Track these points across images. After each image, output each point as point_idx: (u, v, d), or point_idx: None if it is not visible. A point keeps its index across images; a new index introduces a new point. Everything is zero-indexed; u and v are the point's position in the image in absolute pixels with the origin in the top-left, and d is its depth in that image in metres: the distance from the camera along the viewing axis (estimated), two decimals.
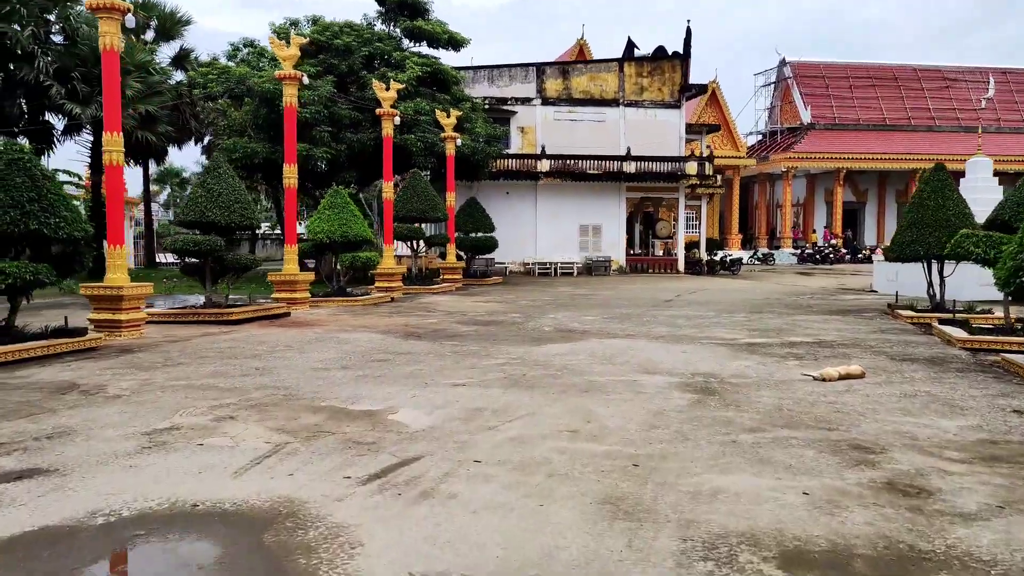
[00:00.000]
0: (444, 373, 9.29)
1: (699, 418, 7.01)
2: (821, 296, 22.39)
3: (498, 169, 32.88)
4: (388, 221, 21.75)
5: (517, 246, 33.88)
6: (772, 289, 25.72)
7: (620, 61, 34.40)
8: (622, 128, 34.26)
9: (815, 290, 25.38)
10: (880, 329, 13.99)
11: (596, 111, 34.22)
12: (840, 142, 53.12)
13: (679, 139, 34.50)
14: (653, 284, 27.97)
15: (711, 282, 29.68)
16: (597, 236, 34.45)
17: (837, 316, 16.41)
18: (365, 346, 11.59)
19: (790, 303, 19.88)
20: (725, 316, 16.37)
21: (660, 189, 34.49)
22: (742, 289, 25.57)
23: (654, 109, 34.35)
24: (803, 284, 29.06)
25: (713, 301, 20.34)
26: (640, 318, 15.87)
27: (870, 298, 21.74)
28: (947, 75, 57.77)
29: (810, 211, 56.23)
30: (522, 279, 31.23)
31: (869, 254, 50.96)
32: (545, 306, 18.84)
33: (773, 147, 56.06)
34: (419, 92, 28.21)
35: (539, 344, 11.91)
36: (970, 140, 54.58)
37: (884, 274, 24.84)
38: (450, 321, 15.27)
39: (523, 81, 34.11)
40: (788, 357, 10.62)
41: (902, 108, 56.37)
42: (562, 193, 34.18)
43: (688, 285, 27.44)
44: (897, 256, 15.94)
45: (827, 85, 56.62)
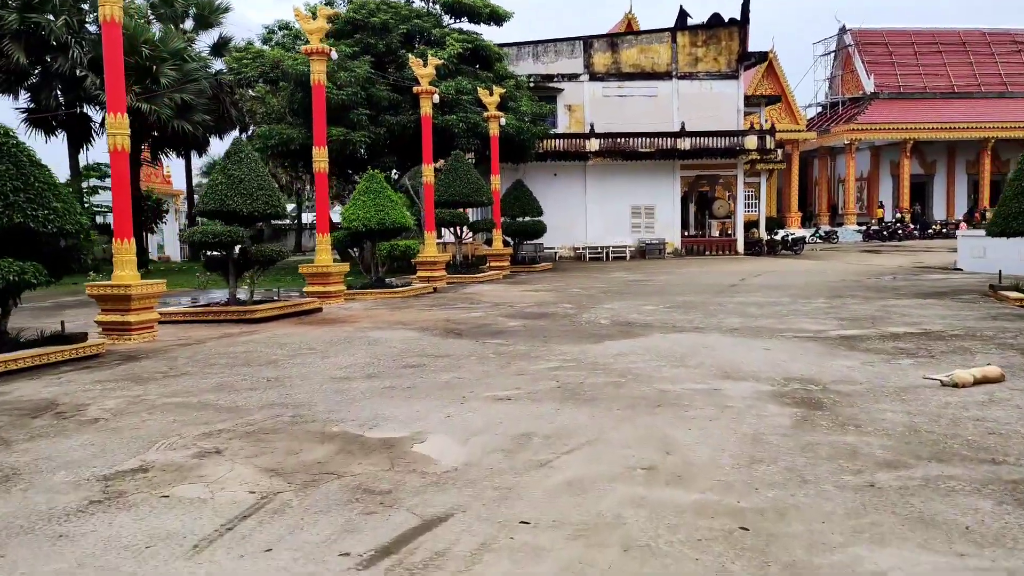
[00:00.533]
0: (486, 382, 7.78)
1: (812, 446, 5.37)
2: (903, 276, 20.29)
3: (545, 150, 31.21)
4: (429, 207, 20.32)
5: (566, 230, 32.21)
6: (844, 270, 23.62)
7: (672, 31, 32.32)
8: (675, 102, 32.23)
9: (892, 269, 23.22)
10: (991, 315, 12.05)
11: (647, 85, 32.25)
12: (906, 112, 50.04)
13: (737, 112, 32.33)
14: (713, 267, 26.08)
15: (774, 263, 27.63)
16: (650, 218, 32.57)
17: (932, 300, 14.44)
18: (398, 347, 10.14)
19: (871, 285, 17.89)
20: (802, 302, 14.54)
21: (717, 166, 32.43)
22: (811, 271, 23.54)
23: (710, 81, 32.21)
24: (876, 263, 26.84)
25: (783, 285, 18.46)
26: (706, 307, 14.14)
27: (959, 278, 19.58)
28: (1017, 39, 54.04)
29: (874, 185, 53.25)
30: (572, 265, 29.58)
31: (940, 229, 48.01)
32: (599, 295, 17.21)
33: (834, 119, 53.17)
34: (460, 70, 26.68)
35: (596, 341, 10.32)
36: None
37: (970, 251, 22.58)
38: (496, 314, 13.76)
39: (569, 56, 32.30)
40: (897, 354, 8.84)
41: (971, 74, 52.89)
42: (612, 173, 32.37)
43: (750, 267, 25.48)
44: (1002, 230, 13.90)
45: (890, 52, 53.42)
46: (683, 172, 32.48)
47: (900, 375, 7.68)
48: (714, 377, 7.80)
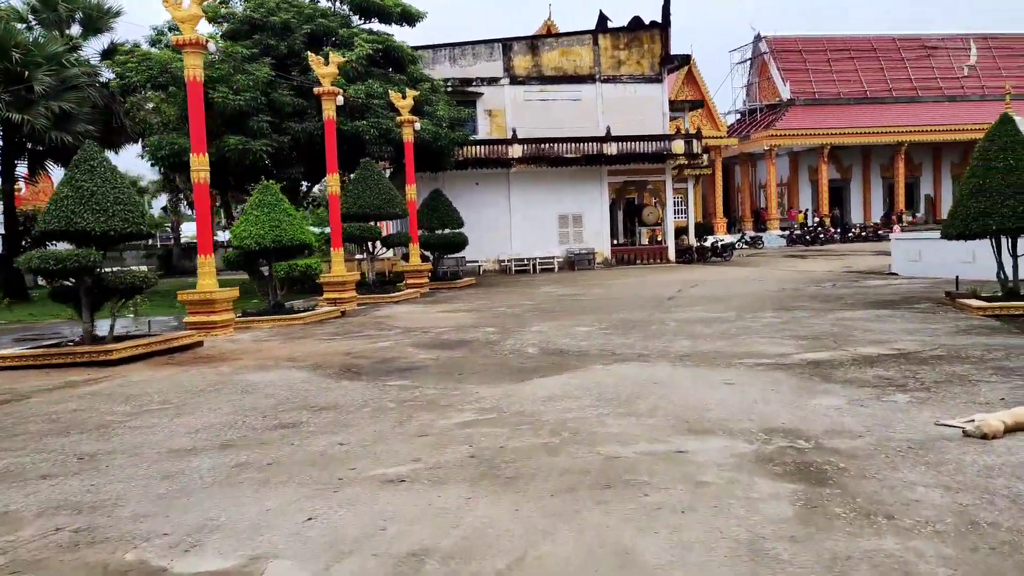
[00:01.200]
0: (376, 450, 5.78)
1: (840, 561, 3.57)
2: (843, 283, 19.10)
3: (465, 157, 29.33)
4: (335, 220, 18.13)
5: (491, 242, 30.37)
6: (779, 276, 22.41)
7: (594, 33, 30.90)
8: (600, 106, 30.80)
9: (826, 275, 22.10)
10: (961, 328, 10.65)
11: (571, 89, 30.72)
12: (821, 118, 50.08)
13: (663, 116, 31.10)
14: (646, 277, 24.59)
15: (707, 271, 26.37)
16: (578, 226, 31.01)
17: (887, 310, 13.07)
18: (277, 396, 8.05)
19: (814, 294, 16.55)
20: (750, 317, 12.99)
21: (644, 171, 31.10)
22: (747, 278, 22.25)
23: (634, 84, 30.90)
24: (807, 268, 25.82)
25: (723, 295, 16.98)
26: (646, 326, 12.44)
27: (902, 284, 18.46)
28: (927, 44, 54.91)
29: (795, 191, 53.17)
30: (497, 279, 27.72)
31: (860, 232, 48.04)
32: (526, 314, 15.37)
33: (753, 125, 52.93)
34: (371, 73, 24.59)
35: (523, 379, 8.43)
36: (954, 110, 51.86)
37: (905, 254, 21.64)
38: (406, 343, 11.74)
39: (488, 59, 30.54)
40: (884, 387, 7.21)
41: (883, 80, 53.43)
42: (537, 181, 30.70)
43: (685, 276, 24.09)
44: (961, 232, 12.61)
45: (805, 60, 53.55)
46: (610, 178, 31.05)
47: (904, 420, 6.01)
48: (674, 430, 5.99)
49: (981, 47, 54.32)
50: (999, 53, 54.90)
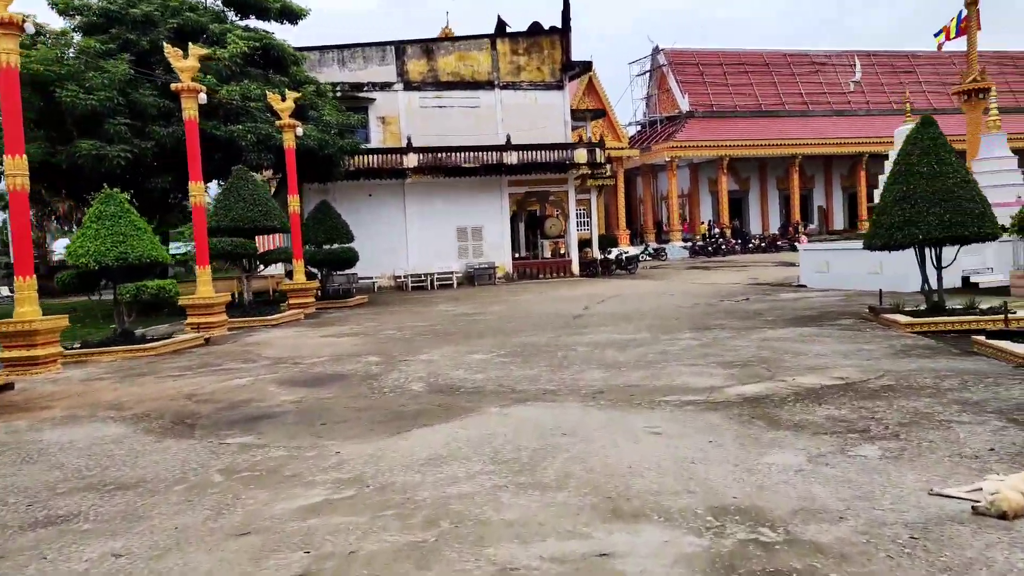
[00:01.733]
0: (163, 568, 3.94)
1: None
2: (755, 296, 18.17)
3: (357, 167, 27.34)
4: (200, 235, 15.88)
5: (386, 257, 28.43)
6: (689, 290, 21.43)
7: (492, 37, 29.48)
8: (499, 114, 29.38)
9: (736, 288, 21.25)
10: (897, 350, 9.56)
11: (468, 95, 29.19)
12: (719, 130, 50.44)
13: (564, 124, 29.94)
14: (550, 292, 23.21)
15: (613, 285, 25.23)
16: (478, 240, 29.44)
17: (811, 328, 11.97)
18: (67, 466, 6.02)
19: (729, 309, 15.46)
20: (667, 339, 11.65)
21: (547, 182, 29.85)
22: (655, 292, 21.15)
23: (534, 91, 29.64)
24: (714, 280, 25.04)
25: (634, 313, 15.69)
26: (552, 352, 10.90)
27: (816, 297, 17.64)
28: (815, 60, 56.32)
29: (695, 202, 53.35)
30: (392, 296, 25.80)
31: (760, 243, 48.41)
32: (418, 338, 13.60)
33: (654, 137, 52.86)
34: (248, 73, 22.37)
35: (400, 430, 6.70)
36: (842, 124, 53.24)
37: (813, 265, 21.03)
38: (268, 380, 9.79)
39: (381, 63, 28.66)
40: (844, 433, 5.84)
41: (776, 94, 54.38)
42: (435, 192, 28.98)
43: (591, 291, 22.83)
44: (886, 243, 11.63)
45: (702, 72, 53.96)
46: (511, 189, 29.64)
47: (887, 488, 4.59)
48: (594, 513, 4.39)
49: (865, 64, 56.05)
50: (881, 70, 56.83)
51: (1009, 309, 11.27)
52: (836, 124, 52.82)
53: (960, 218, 10.85)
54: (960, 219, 10.84)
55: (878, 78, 56.43)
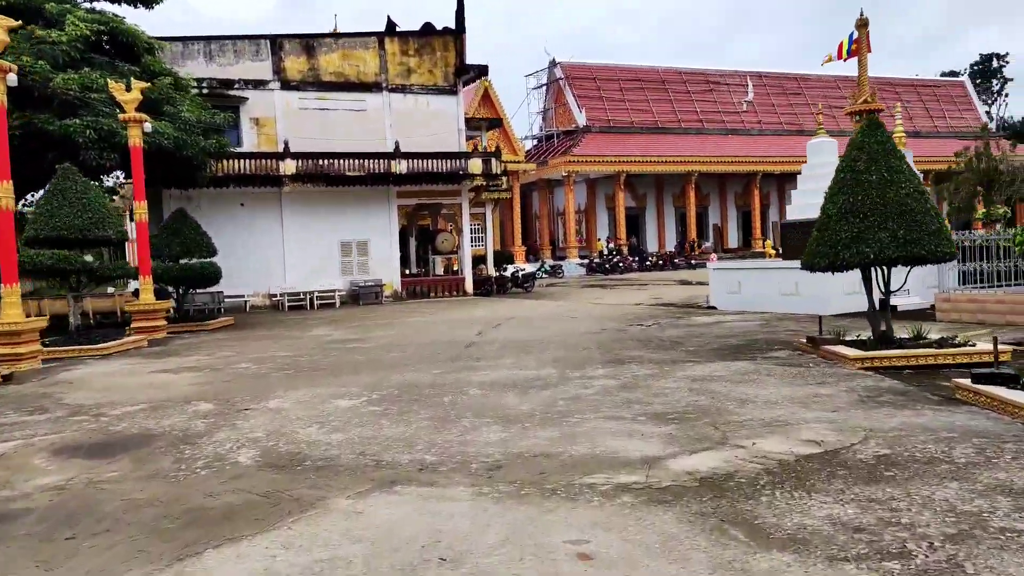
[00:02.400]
0: None
1: None
2: (665, 320, 16.43)
3: (226, 172, 24.32)
4: (6, 246, 12.73)
5: (260, 273, 25.46)
6: (593, 312, 19.58)
7: (380, 36, 27.03)
8: (388, 119, 26.94)
9: (643, 311, 19.58)
10: (861, 396, 7.75)
11: (354, 97, 26.62)
12: (616, 145, 49.60)
13: (458, 132, 27.79)
14: (442, 314, 20.90)
15: (511, 305, 23.17)
16: (364, 255, 26.82)
17: (743, 363, 10.14)
18: None
19: (641, 336, 13.57)
20: (578, 376, 9.56)
21: (439, 193, 27.58)
22: (557, 314, 19.19)
23: (426, 95, 27.37)
24: (618, 301, 23.38)
25: (535, 340, 13.59)
26: (439, 396, 8.61)
27: (731, 320, 16.02)
28: (710, 78, 56.52)
29: (592, 218, 52.28)
30: (264, 318, 22.85)
31: (657, 261, 47.63)
32: (274, 375, 11.02)
33: (551, 152, 51.52)
34: (91, 61, 19.17)
35: (184, 553, 4.24)
36: (735, 142, 53.50)
37: (724, 286, 19.58)
38: (40, 446, 7.06)
39: (255, 58, 25.76)
40: (871, 558, 3.82)
41: (672, 111, 54.15)
42: (316, 202, 26.23)
43: (486, 313, 20.66)
44: (832, 263, 9.93)
45: (599, 87, 53.12)
46: (400, 200, 27.19)
47: None
48: None
49: (756, 84, 56.67)
50: (772, 90, 57.60)
51: (967, 340, 9.78)
52: (730, 143, 53.00)
53: (915, 235, 9.27)
54: (915, 236, 9.26)
55: (769, 99, 57.15)
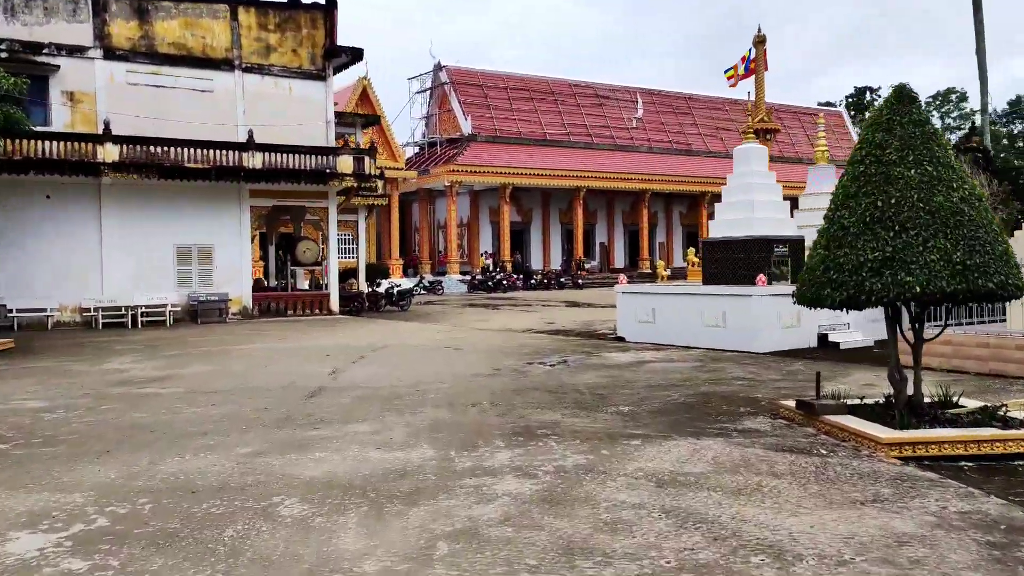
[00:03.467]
0: None
1: None
2: (572, 355, 12.99)
3: (26, 155, 19.25)
4: None
5: (71, 281, 20.41)
6: (480, 341, 15.96)
7: (232, 4, 22.53)
8: (241, 103, 22.48)
9: (539, 342, 16.16)
10: (980, 535, 4.48)
11: (199, 75, 22.02)
12: (503, 156, 46.50)
13: (327, 124, 23.61)
14: (294, 339, 16.72)
15: (382, 329, 19.24)
16: (207, 263, 22.15)
17: (716, 441, 6.73)
18: None
19: (548, 384, 10.03)
20: (467, 463, 5.88)
21: (302, 194, 23.28)
22: (436, 343, 15.44)
23: (289, 79, 23.09)
24: (507, 326, 19.92)
25: (407, 388, 9.80)
26: (215, 530, 4.70)
27: (656, 360, 12.74)
28: (600, 92, 54.50)
29: (475, 232, 48.88)
30: (63, 339, 17.85)
31: (542, 279, 44.64)
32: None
33: (433, 160, 47.84)
34: None
35: None
36: (625, 159, 51.54)
37: (634, 313, 16.44)
38: None
39: (71, 19, 20.75)
40: None
41: (561, 124, 51.66)
42: (147, 198, 21.42)
43: (349, 339, 16.65)
44: (852, 297, 6.63)
45: (486, 95, 49.96)
46: (255, 201, 22.71)
47: None
48: None
49: (646, 101, 55.13)
50: (661, 109, 56.22)
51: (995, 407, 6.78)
52: (619, 159, 50.98)
53: (979, 259, 6.16)
54: (980, 261, 6.15)
55: (659, 117, 55.69)
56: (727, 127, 58.34)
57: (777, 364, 11.74)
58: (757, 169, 16.13)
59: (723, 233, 15.97)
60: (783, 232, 15.70)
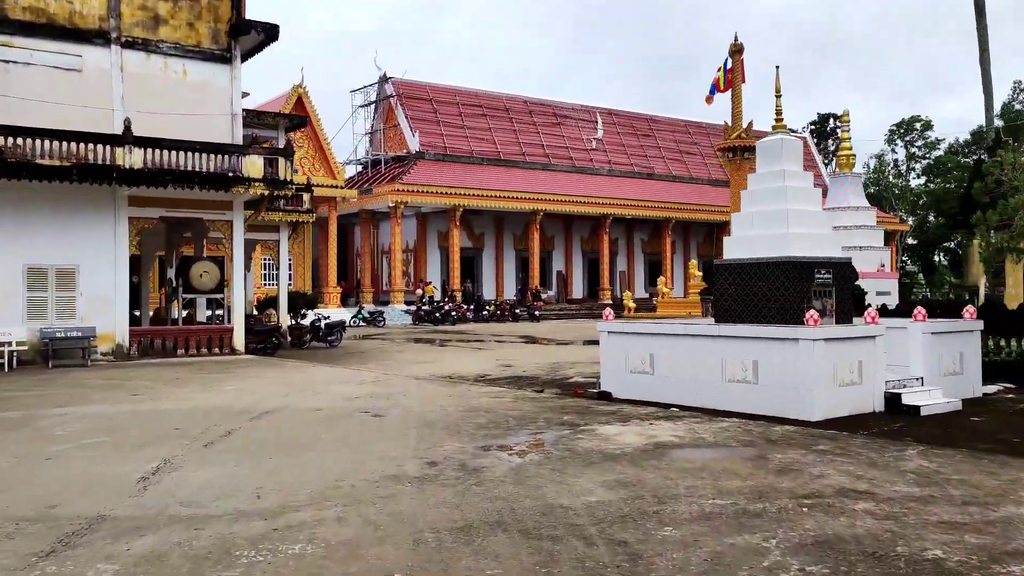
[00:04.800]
0: None
1: None
2: (551, 433, 8.48)
3: None
4: None
5: None
6: (413, 400, 11.33)
7: None
8: (118, 86, 17.69)
9: (500, 401, 11.65)
10: None
11: (63, 49, 17.20)
12: (453, 176, 42.16)
13: (231, 117, 18.88)
14: (149, 398, 11.86)
15: (289, 376, 14.51)
16: (68, 288, 17.16)
17: None
18: None
19: (524, 511, 5.51)
20: None
21: (199, 204, 18.46)
22: (353, 405, 10.76)
23: (183, 60, 18.39)
24: (455, 370, 15.40)
25: (259, 514, 5.24)
26: None
27: (680, 444, 8.27)
28: (558, 111, 50.72)
29: (422, 258, 44.24)
30: None
31: (495, 310, 40.13)
32: None
33: (377, 179, 43.24)
34: None
35: None
36: (584, 181, 47.66)
37: (626, 359, 12.05)
38: None
39: None
40: None
41: (516, 143, 47.65)
42: None
43: (232, 397, 11.88)
44: None
45: (436, 111, 45.73)
46: (136, 210, 17.82)
47: None
48: None
49: (606, 122, 51.56)
50: (622, 130, 52.68)
51: None
52: (578, 181, 47.06)
53: None
54: None
55: (620, 139, 52.10)
56: (691, 151, 55.14)
57: (873, 452, 7.41)
58: (791, 169, 11.94)
59: (744, 254, 11.74)
60: (825, 252, 11.56)
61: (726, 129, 33.16)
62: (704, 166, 54.85)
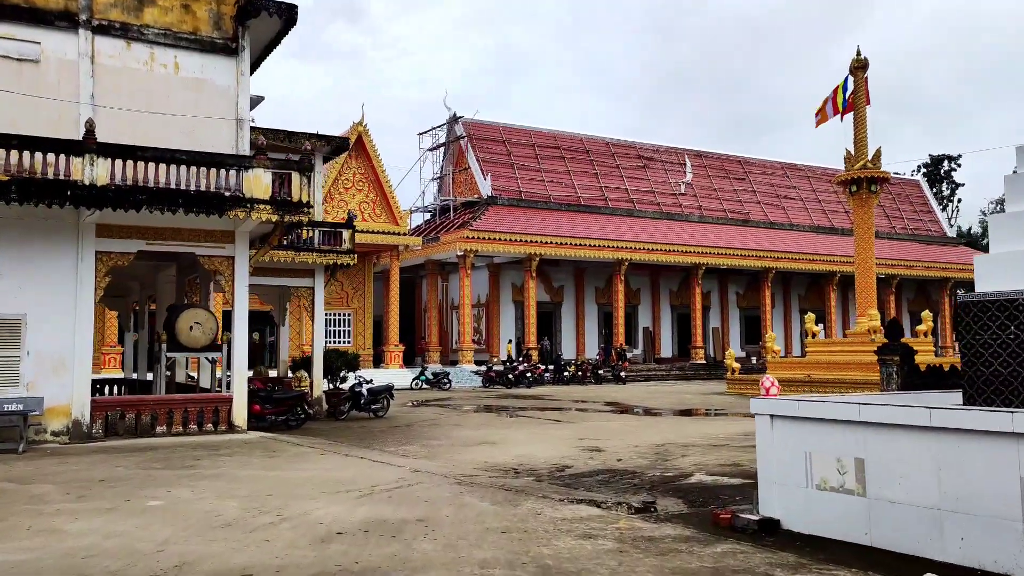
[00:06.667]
0: None
1: None
2: None
3: None
4: None
5: None
6: (452, 534, 6.04)
7: None
8: (87, 81, 13.46)
9: (600, 546, 6.17)
10: None
11: (15, 34, 13.19)
12: (528, 222, 37.29)
13: (236, 124, 14.41)
14: (43, 529, 7.00)
15: (295, 476, 9.48)
16: (11, 347, 12.63)
17: None
18: None
19: None
20: None
21: (191, 234, 13.92)
22: (325, 543, 5.56)
23: (173, 50, 14.07)
24: (522, 460, 10.05)
25: None
26: None
27: None
28: (642, 153, 45.57)
29: (495, 313, 39.21)
30: None
31: (576, 371, 34.56)
32: None
33: (445, 227, 38.81)
34: None
35: None
36: (673, 228, 42.12)
37: (803, 464, 6.44)
38: None
39: None
40: None
41: (597, 187, 42.61)
42: None
43: (114, 542, 6.85)
44: None
45: (509, 152, 41.26)
46: (106, 242, 13.33)
47: None
48: None
49: (696, 164, 46.10)
50: (713, 173, 47.03)
51: None
52: (666, 229, 41.52)
53: None
54: None
55: (710, 182, 46.43)
56: (789, 195, 48.93)
57: None
58: None
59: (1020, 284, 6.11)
60: None
61: (848, 158, 27.30)
62: (805, 211, 48.54)
